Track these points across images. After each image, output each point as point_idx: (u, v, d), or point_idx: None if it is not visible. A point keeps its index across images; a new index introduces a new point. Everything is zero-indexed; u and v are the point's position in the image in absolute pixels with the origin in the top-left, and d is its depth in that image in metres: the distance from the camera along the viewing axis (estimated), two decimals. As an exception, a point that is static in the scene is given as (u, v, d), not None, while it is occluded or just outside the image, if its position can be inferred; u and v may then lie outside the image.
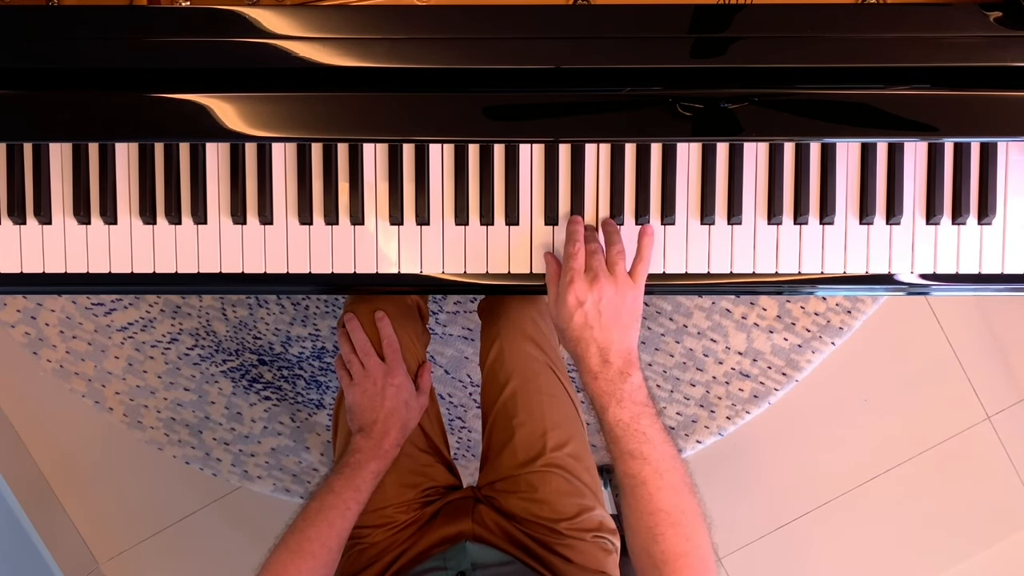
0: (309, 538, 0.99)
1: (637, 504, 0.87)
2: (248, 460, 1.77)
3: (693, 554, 0.86)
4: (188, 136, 0.93)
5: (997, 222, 0.96)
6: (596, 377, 0.89)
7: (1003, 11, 0.86)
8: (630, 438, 0.87)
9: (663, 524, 0.85)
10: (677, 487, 0.87)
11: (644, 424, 0.88)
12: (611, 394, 0.88)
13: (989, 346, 1.76)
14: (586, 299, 0.89)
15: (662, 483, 0.86)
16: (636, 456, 0.87)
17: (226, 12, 0.88)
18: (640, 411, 0.88)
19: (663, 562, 0.85)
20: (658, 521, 0.86)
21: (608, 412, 0.88)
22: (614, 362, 0.89)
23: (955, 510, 1.79)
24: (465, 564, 1.01)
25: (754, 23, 0.88)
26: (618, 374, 0.89)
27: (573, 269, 0.90)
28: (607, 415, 0.88)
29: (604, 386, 0.88)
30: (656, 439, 0.88)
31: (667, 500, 0.86)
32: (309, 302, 1.72)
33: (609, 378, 0.88)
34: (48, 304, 1.73)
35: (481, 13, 0.88)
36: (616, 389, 0.88)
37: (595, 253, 0.91)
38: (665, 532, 0.85)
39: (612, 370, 0.89)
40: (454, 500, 1.15)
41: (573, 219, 0.95)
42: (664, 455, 0.87)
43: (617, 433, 0.87)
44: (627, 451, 0.87)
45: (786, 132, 0.91)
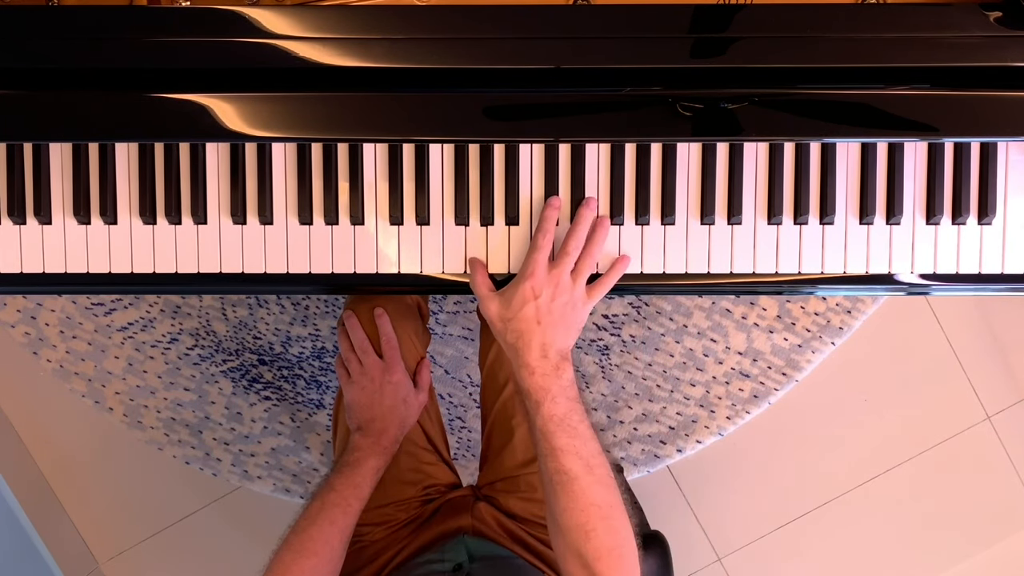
0: (311, 537, 0.99)
1: (568, 501, 0.87)
2: (248, 460, 1.77)
3: (625, 546, 0.87)
4: (188, 136, 0.93)
5: (997, 222, 0.96)
6: (533, 372, 0.88)
7: (1003, 11, 0.86)
8: (562, 433, 0.87)
9: (595, 518, 0.86)
10: (605, 482, 0.88)
11: (575, 419, 0.88)
12: (546, 389, 0.88)
13: (989, 346, 1.76)
14: (541, 293, 0.89)
15: (592, 478, 0.87)
16: (568, 451, 0.87)
17: (226, 12, 0.88)
18: (572, 406, 0.88)
19: (595, 559, 0.85)
20: (590, 516, 0.86)
21: (543, 407, 0.88)
22: (552, 358, 0.89)
23: (955, 510, 1.79)
24: (462, 557, 1.02)
25: (754, 23, 0.88)
26: (553, 369, 0.89)
27: (536, 261, 0.90)
28: (541, 410, 0.88)
29: (540, 381, 0.88)
30: (586, 434, 0.88)
31: (598, 495, 0.86)
32: (309, 302, 1.72)
33: (545, 372, 0.88)
34: (48, 304, 1.73)
35: (481, 13, 0.88)
36: (551, 384, 0.88)
37: (568, 255, 0.91)
38: (597, 527, 0.86)
39: (548, 365, 0.89)
40: (454, 498, 1.15)
41: (551, 202, 0.94)
42: (592, 450, 0.88)
43: (550, 428, 0.87)
44: (559, 447, 0.87)
45: (786, 132, 0.91)
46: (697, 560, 1.80)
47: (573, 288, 0.90)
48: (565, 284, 0.90)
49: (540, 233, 0.92)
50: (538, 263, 0.90)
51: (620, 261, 0.94)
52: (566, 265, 0.90)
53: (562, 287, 0.90)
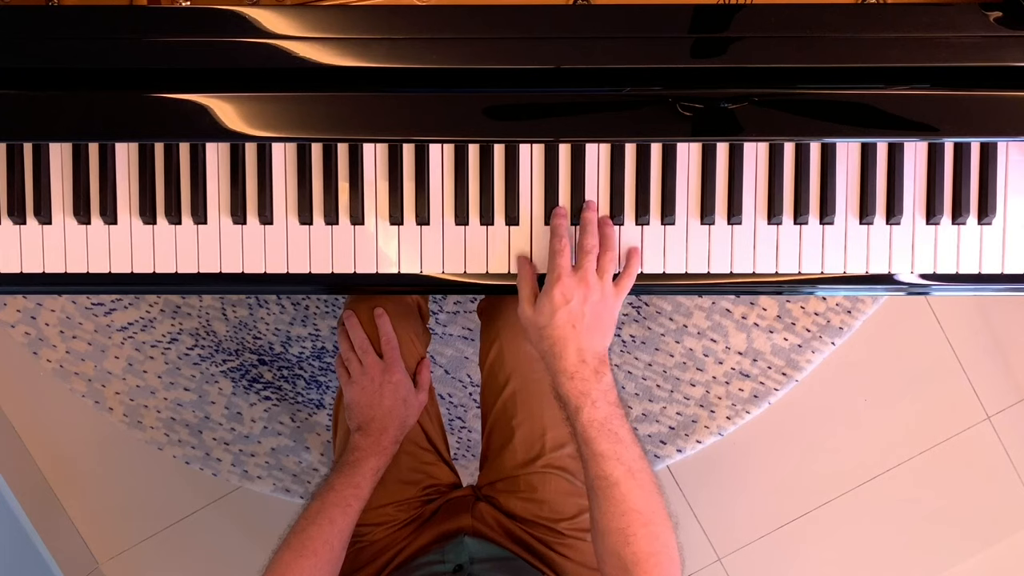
0: (311, 536, 0.99)
1: (609, 506, 0.86)
2: (248, 460, 1.77)
3: (663, 553, 0.86)
4: (188, 136, 0.93)
5: (997, 222, 0.96)
6: (572, 377, 0.88)
7: (1003, 11, 0.86)
8: (603, 438, 0.87)
9: (635, 524, 0.85)
10: (647, 487, 0.87)
11: (616, 424, 0.88)
12: (586, 394, 0.88)
13: (989, 346, 1.76)
14: (572, 297, 0.89)
15: (634, 483, 0.86)
16: (609, 457, 0.86)
17: (226, 12, 0.88)
18: (612, 411, 0.88)
19: (634, 563, 0.85)
20: (630, 521, 0.86)
21: (583, 413, 0.87)
22: (590, 362, 0.89)
23: (955, 510, 1.79)
24: (463, 558, 1.02)
25: (754, 23, 0.88)
26: (593, 373, 0.88)
27: (560, 266, 0.90)
28: (581, 416, 0.87)
29: (580, 386, 0.88)
30: (627, 439, 0.88)
31: (639, 500, 0.86)
32: (309, 302, 1.72)
33: (584, 377, 0.88)
34: (48, 304, 1.73)
35: (481, 13, 0.88)
36: (591, 389, 0.88)
37: (589, 253, 0.91)
38: (637, 532, 0.85)
39: (587, 369, 0.88)
40: (454, 498, 1.15)
41: (558, 212, 0.94)
42: (635, 455, 0.87)
43: (591, 434, 0.87)
44: (599, 452, 0.87)
45: (786, 132, 0.91)
46: (697, 560, 1.79)
47: (603, 286, 0.90)
48: (594, 283, 0.89)
49: (556, 239, 0.92)
50: (563, 267, 0.90)
51: (633, 254, 0.95)
52: (590, 263, 0.90)
53: (592, 287, 0.89)
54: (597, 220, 0.94)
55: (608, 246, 0.92)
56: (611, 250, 0.92)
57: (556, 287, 0.89)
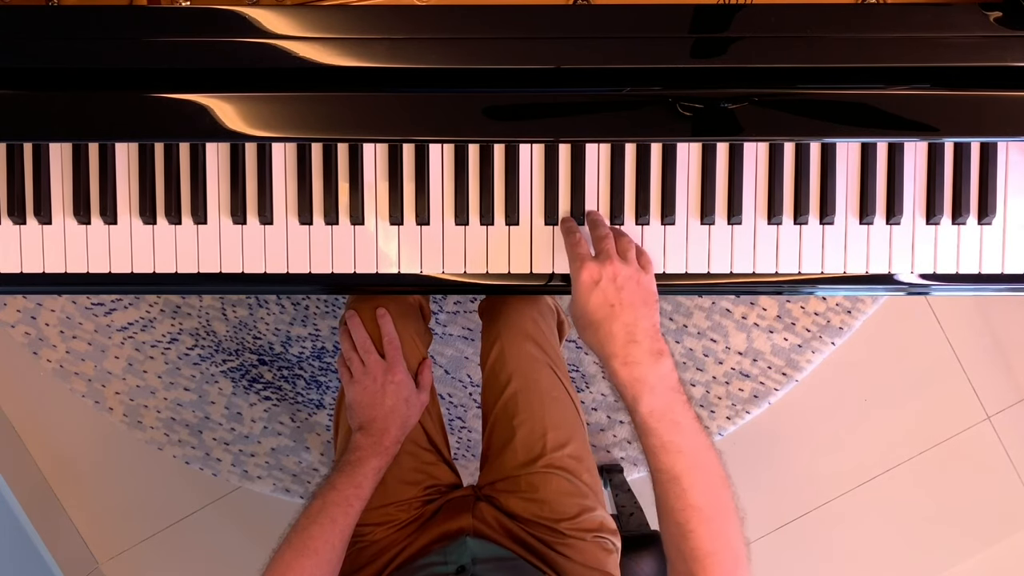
0: (312, 536, 0.99)
1: (668, 500, 0.81)
2: (248, 460, 1.77)
3: (724, 551, 0.81)
4: (188, 136, 0.93)
5: (997, 222, 0.96)
6: (625, 362, 0.81)
7: (1003, 11, 0.86)
8: (665, 429, 0.80)
9: (694, 521, 0.80)
10: (712, 481, 0.82)
11: (678, 413, 0.81)
12: (643, 380, 0.81)
13: (989, 346, 1.76)
14: (600, 276, 0.85)
15: (696, 477, 0.80)
16: (671, 449, 0.80)
17: (226, 12, 0.88)
18: (674, 398, 0.81)
19: (693, 560, 0.80)
20: (689, 518, 0.80)
21: (642, 402, 0.80)
22: (642, 341, 0.82)
23: (955, 510, 1.79)
24: (465, 559, 1.02)
25: (754, 23, 0.88)
26: (648, 355, 0.81)
27: (580, 255, 0.88)
28: (640, 405, 0.80)
29: (636, 372, 0.81)
30: (690, 428, 0.81)
31: (701, 496, 0.80)
32: (309, 302, 1.72)
33: (638, 360, 0.81)
34: (48, 304, 1.73)
35: (481, 13, 0.88)
36: (648, 374, 0.81)
37: (604, 237, 0.89)
38: (696, 529, 0.80)
39: (641, 350, 0.81)
40: (455, 498, 1.15)
41: (564, 219, 0.95)
42: (699, 446, 0.81)
43: (651, 425, 0.80)
44: (661, 444, 0.80)
45: (786, 132, 0.91)
46: (697, 560, 1.79)
47: (627, 263, 0.87)
48: (617, 261, 0.86)
49: (570, 235, 0.91)
50: (583, 255, 0.88)
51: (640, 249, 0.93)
52: (609, 244, 0.88)
53: (617, 264, 0.86)
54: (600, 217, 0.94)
55: (620, 233, 0.92)
56: (624, 235, 0.91)
57: (583, 273, 0.86)
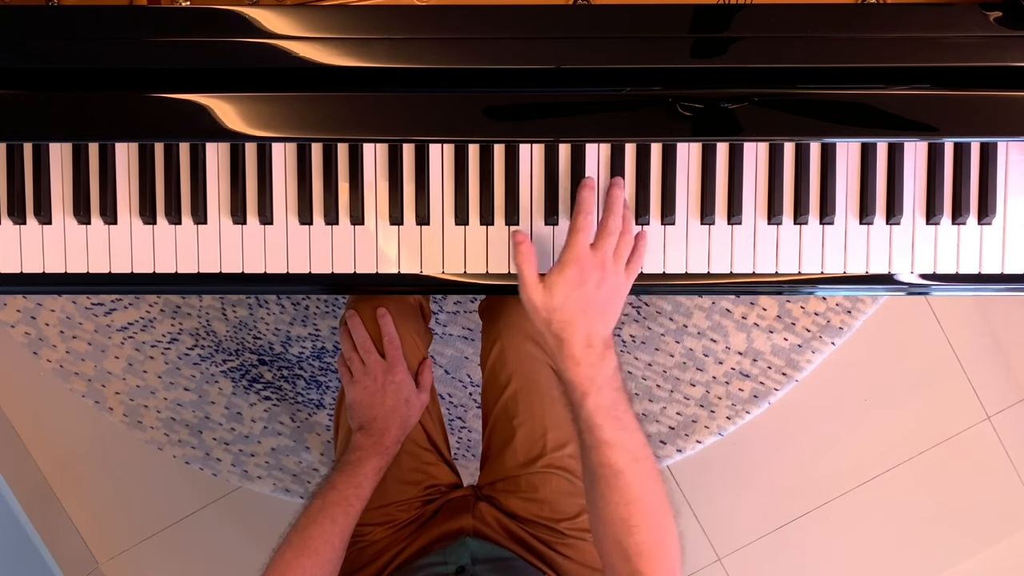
0: (312, 536, 0.99)
1: (612, 495, 0.84)
2: (248, 460, 1.77)
3: (667, 543, 0.85)
4: (188, 136, 0.93)
5: (997, 222, 0.96)
6: (579, 363, 0.85)
7: (1003, 11, 0.86)
8: (609, 425, 0.84)
9: (638, 514, 0.83)
10: (651, 475, 0.85)
11: (621, 410, 0.85)
12: (592, 379, 0.84)
13: (989, 346, 1.76)
14: (588, 279, 0.85)
15: (638, 471, 0.84)
16: (614, 444, 0.84)
17: (226, 12, 0.88)
18: (618, 397, 0.85)
19: (637, 554, 0.83)
20: (633, 511, 0.83)
21: (588, 399, 0.84)
22: (596, 345, 0.85)
23: (955, 510, 1.79)
24: (465, 559, 1.02)
25: (754, 23, 0.88)
26: (599, 358, 0.85)
27: (579, 244, 0.85)
28: (587, 402, 0.84)
29: (586, 371, 0.84)
30: (631, 426, 0.85)
31: (643, 489, 0.84)
32: (309, 302, 1.72)
33: (591, 363, 0.85)
34: (48, 304, 1.73)
35: (481, 13, 0.88)
36: (597, 374, 0.85)
37: (612, 235, 0.87)
38: (640, 523, 0.83)
39: (594, 354, 0.85)
40: (455, 498, 1.15)
41: (586, 183, 0.89)
42: (639, 442, 0.85)
43: (596, 421, 0.84)
44: (604, 440, 0.84)
45: (786, 132, 0.91)
46: (697, 560, 1.80)
47: (617, 270, 0.87)
48: (611, 267, 0.86)
49: (581, 215, 0.86)
50: (581, 246, 0.85)
51: (640, 237, 0.91)
52: (609, 246, 0.86)
53: (608, 270, 0.86)
54: (622, 200, 0.90)
55: (628, 228, 0.89)
56: (628, 233, 0.89)
57: (574, 267, 0.85)
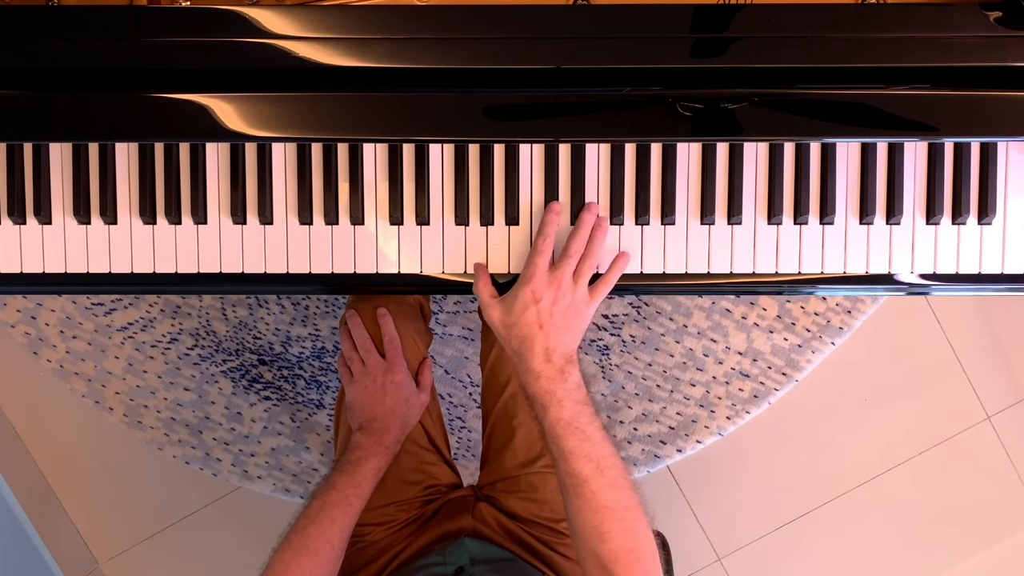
0: (312, 536, 0.99)
1: (581, 503, 0.86)
2: (248, 460, 1.77)
3: (642, 549, 0.86)
4: (188, 136, 0.93)
5: (997, 222, 0.96)
6: (539, 377, 0.88)
7: (1003, 11, 0.86)
8: (570, 436, 0.87)
9: (608, 521, 0.85)
10: (618, 483, 0.87)
11: (584, 422, 0.88)
12: (552, 393, 0.88)
13: (989, 346, 1.76)
14: (542, 297, 0.89)
15: (603, 480, 0.86)
16: (577, 455, 0.86)
17: (226, 12, 0.88)
18: (580, 409, 0.88)
19: (612, 560, 0.85)
20: (603, 519, 0.85)
21: (549, 411, 0.88)
22: (556, 361, 0.89)
23: (955, 510, 1.79)
24: (464, 559, 1.02)
25: (754, 23, 0.88)
26: (559, 372, 0.88)
27: (537, 265, 0.90)
28: (548, 414, 0.88)
29: (546, 385, 0.88)
30: (595, 437, 0.88)
31: (610, 497, 0.86)
32: (309, 302, 1.72)
33: (550, 376, 0.88)
34: (48, 304, 1.73)
35: (481, 13, 0.88)
36: (557, 388, 0.88)
37: (570, 258, 0.91)
38: (611, 529, 0.85)
39: (553, 369, 0.88)
40: (455, 498, 1.15)
41: (552, 208, 0.94)
42: (603, 452, 0.87)
43: (558, 432, 0.87)
44: (568, 450, 0.87)
45: (786, 132, 0.91)
46: (697, 560, 1.80)
47: (575, 290, 0.90)
48: (567, 287, 0.90)
49: (540, 237, 0.92)
50: (538, 267, 0.90)
51: (619, 259, 0.94)
52: (567, 267, 0.90)
53: (564, 290, 0.89)
54: (593, 224, 0.93)
55: (590, 252, 0.92)
56: (592, 257, 0.92)
57: (528, 285, 0.89)
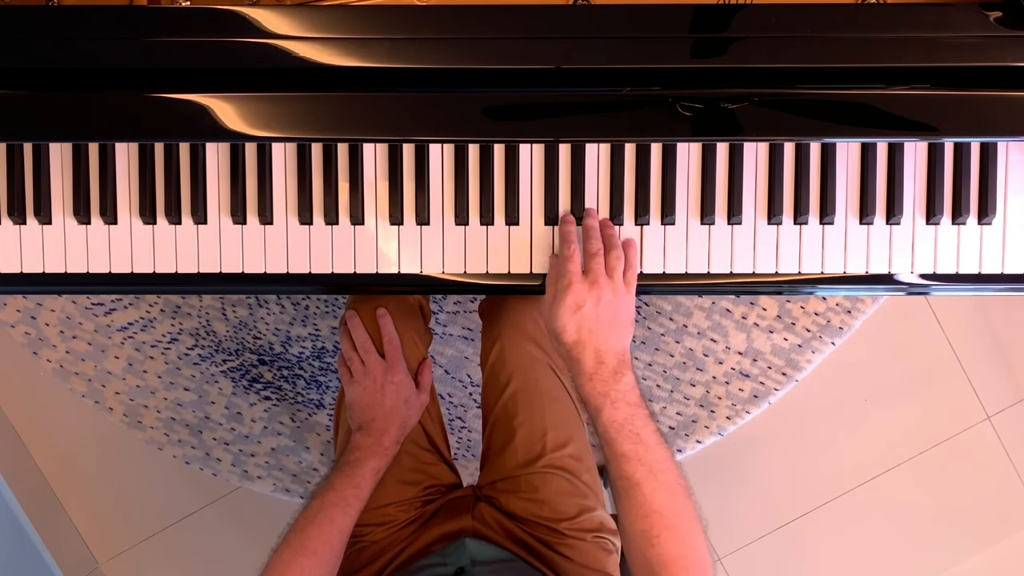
0: (311, 536, 0.99)
1: (632, 507, 0.86)
2: (248, 460, 1.77)
3: (690, 557, 0.85)
4: (188, 136, 0.93)
5: (997, 222, 0.96)
6: (591, 379, 0.88)
7: (1003, 11, 0.86)
8: (624, 439, 0.86)
9: (658, 527, 0.85)
10: (671, 489, 0.86)
11: (638, 425, 0.87)
12: (605, 395, 0.88)
13: (989, 346, 1.76)
14: (585, 302, 0.89)
15: (656, 484, 0.85)
16: (630, 458, 0.86)
17: (226, 12, 0.88)
18: (633, 412, 0.88)
19: (660, 565, 0.83)
20: (653, 523, 0.85)
21: (602, 414, 0.87)
22: (608, 363, 0.89)
23: (955, 510, 1.79)
24: (465, 560, 1.02)
25: (754, 23, 0.88)
26: (612, 374, 0.88)
27: (571, 272, 0.90)
28: (601, 416, 0.87)
29: (599, 387, 0.88)
30: (649, 440, 0.87)
31: (661, 502, 0.85)
32: (309, 302, 1.72)
33: (603, 378, 0.88)
34: (48, 304, 1.73)
35: (481, 13, 0.88)
36: (610, 390, 0.88)
37: (595, 256, 0.91)
38: (660, 535, 0.84)
39: (606, 370, 0.88)
40: (455, 498, 1.15)
41: (566, 219, 0.95)
42: (658, 457, 0.87)
43: (611, 435, 0.87)
44: (621, 453, 0.86)
45: (786, 132, 0.91)
46: (697, 560, 1.79)
47: (613, 285, 0.90)
48: (605, 284, 0.90)
49: (565, 244, 0.92)
50: (573, 273, 0.90)
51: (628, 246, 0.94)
52: (598, 265, 0.90)
53: (603, 289, 0.89)
54: (598, 223, 0.94)
55: (612, 245, 0.93)
56: (615, 248, 0.92)
57: (568, 294, 0.89)
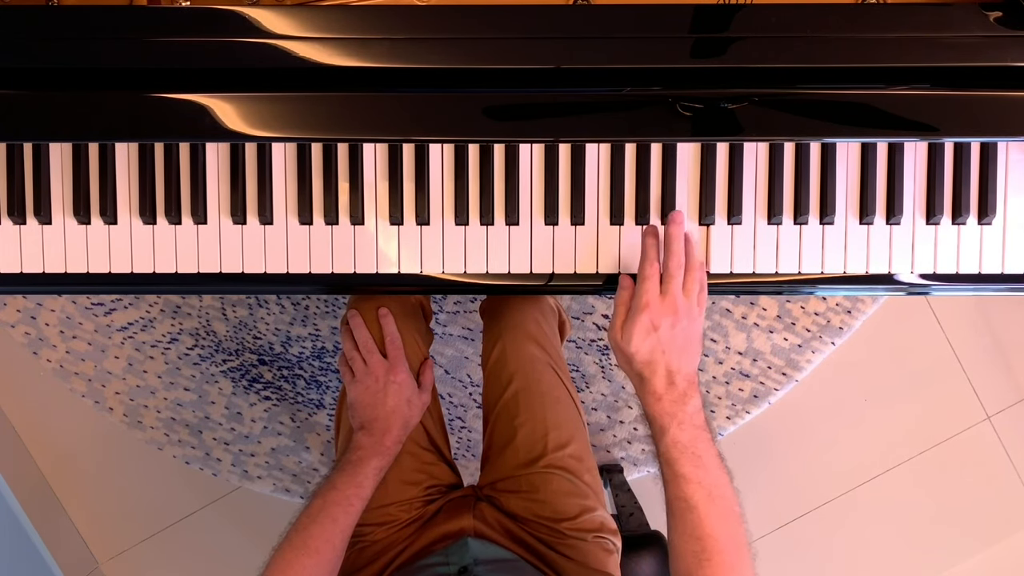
0: (312, 535, 0.99)
1: (685, 528, 0.86)
2: (248, 460, 1.77)
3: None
4: (188, 136, 0.93)
5: (997, 222, 0.96)
6: (660, 399, 0.88)
7: (1003, 11, 0.86)
8: (686, 461, 0.87)
9: (710, 550, 0.85)
10: (727, 515, 0.87)
11: (700, 448, 0.88)
12: (672, 415, 0.88)
13: (989, 346, 1.76)
14: (661, 324, 0.88)
15: (712, 508, 0.86)
16: (690, 479, 0.86)
17: (226, 12, 0.88)
18: (698, 434, 0.88)
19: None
20: (705, 547, 0.85)
21: (668, 434, 0.88)
22: (679, 385, 0.89)
23: (955, 510, 1.79)
24: (467, 559, 1.02)
25: (754, 23, 0.88)
26: (681, 395, 0.88)
27: (648, 292, 0.89)
28: (666, 436, 0.88)
29: (667, 407, 0.88)
30: (711, 464, 0.88)
31: (716, 526, 0.86)
32: (309, 302, 1.72)
33: (672, 399, 0.88)
34: (48, 304, 1.73)
35: (481, 13, 0.88)
36: (678, 411, 0.88)
37: (675, 277, 0.90)
38: (712, 559, 0.85)
39: (676, 392, 0.88)
40: (456, 498, 1.15)
41: (648, 231, 0.93)
42: (717, 481, 0.87)
43: (674, 455, 0.87)
44: (681, 474, 0.87)
45: (786, 132, 0.91)
46: (697, 560, 1.79)
47: (689, 306, 0.90)
48: (682, 307, 0.89)
49: (645, 262, 0.90)
50: (650, 293, 0.89)
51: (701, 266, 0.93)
52: (676, 287, 0.89)
53: (680, 311, 0.89)
54: (682, 237, 0.92)
55: (691, 266, 0.91)
56: (693, 269, 0.91)
57: (644, 314, 0.88)
